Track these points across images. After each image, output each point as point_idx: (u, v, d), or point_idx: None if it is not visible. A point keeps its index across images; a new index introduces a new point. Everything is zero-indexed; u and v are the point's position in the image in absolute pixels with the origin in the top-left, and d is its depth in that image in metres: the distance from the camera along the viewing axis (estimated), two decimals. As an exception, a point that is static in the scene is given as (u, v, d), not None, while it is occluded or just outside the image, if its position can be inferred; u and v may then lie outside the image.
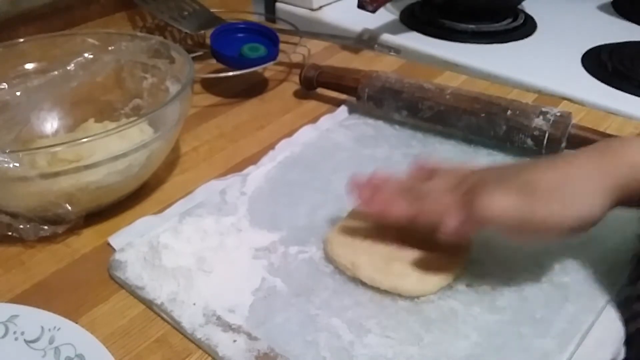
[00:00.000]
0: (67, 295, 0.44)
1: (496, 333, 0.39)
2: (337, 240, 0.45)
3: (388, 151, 0.58)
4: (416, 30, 0.87)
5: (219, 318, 0.40)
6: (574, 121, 0.55)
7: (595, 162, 0.38)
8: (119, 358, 0.38)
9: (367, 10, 0.79)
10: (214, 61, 0.73)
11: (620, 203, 0.38)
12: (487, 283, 0.43)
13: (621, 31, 0.86)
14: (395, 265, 0.43)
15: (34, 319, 0.39)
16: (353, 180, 0.45)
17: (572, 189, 0.37)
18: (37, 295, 0.44)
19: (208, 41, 0.82)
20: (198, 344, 0.40)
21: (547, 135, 0.54)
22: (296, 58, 0.76)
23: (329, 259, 0.45)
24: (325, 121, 0.64)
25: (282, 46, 0.77)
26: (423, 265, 0.43)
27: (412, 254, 0.44)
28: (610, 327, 0.40)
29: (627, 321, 0.39)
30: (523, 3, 0.93)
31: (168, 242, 0.46)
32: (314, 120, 0.64)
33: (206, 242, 0.46)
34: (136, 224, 0.50)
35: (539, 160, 0.42)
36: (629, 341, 0.38)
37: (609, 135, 0.54)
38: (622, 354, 0.39)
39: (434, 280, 0.42)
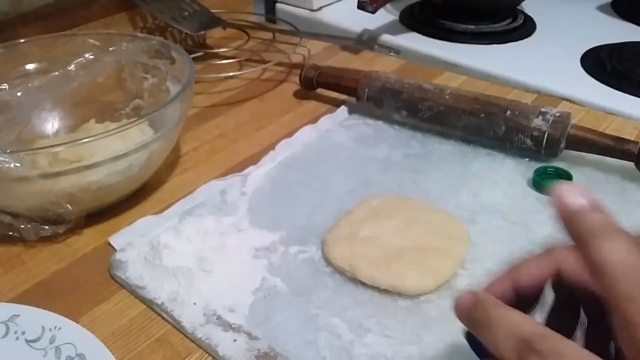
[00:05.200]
0: (67, 295, 0.44)
1: (495, 332, 0.39)
2: (334, 242, 0.45)
3: (388, 151, 0.59)
4: (416, 31, 0.87)
5: (219, 317, 0.41)
6: (573, 121, 0.55)
7: None
8: (120, 357, 0.39)
9: (367, 11, 0.79)
10: (214, 61, 0.73)
11: None
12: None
13: (620, 32, 0.86)
14: (394, 263, 0.43)
15: (34, 318, 0.40)
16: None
17: None
18: (38, 295, 0.44)
19: (208, 41, 0.83)
20: (198, 344, 0.40)
21: (546, 135, 0.54)
22: (296, 58, 0.76)
23: (327, 260, 0.45)
24: (325, 121, 0.64)
25: (282, 46, 0.77)
26: (422, 263, 0.43)
27: (411, 252, 0.44)
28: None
29: None
30: (522, 3, 0.93)
31: (168, 242, 0.46)
32: (314, 120, 0.64)
33: (206, 242, 0.46)
34: (137, 224, 0.50)
35: None
36: None
37: (609, 136, 0.54)
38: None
39: (433, 278, 0.42)
